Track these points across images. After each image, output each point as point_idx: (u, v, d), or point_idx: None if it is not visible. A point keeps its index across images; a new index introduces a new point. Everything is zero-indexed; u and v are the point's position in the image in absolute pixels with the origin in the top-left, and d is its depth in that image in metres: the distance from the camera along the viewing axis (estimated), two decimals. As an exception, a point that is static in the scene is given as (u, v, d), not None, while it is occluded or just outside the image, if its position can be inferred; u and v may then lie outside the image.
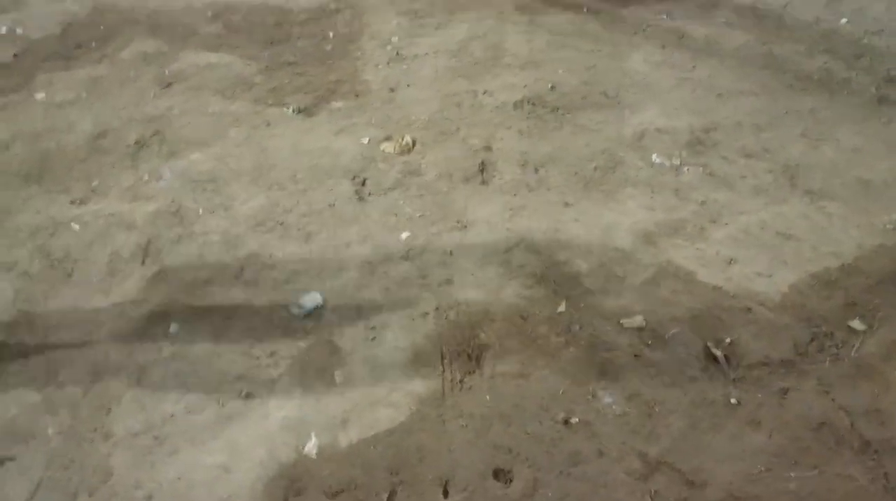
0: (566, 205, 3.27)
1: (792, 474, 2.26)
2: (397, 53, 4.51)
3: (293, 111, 3.92)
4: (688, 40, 4.63)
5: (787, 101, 3.95)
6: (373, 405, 2.48)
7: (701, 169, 3.46)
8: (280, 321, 2.76)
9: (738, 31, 4.73)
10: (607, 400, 2.47)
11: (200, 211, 3.26)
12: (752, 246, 3.01)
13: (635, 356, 2.60)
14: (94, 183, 3.42)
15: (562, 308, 2.78)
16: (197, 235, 3.13)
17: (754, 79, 4.18)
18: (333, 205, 3.30)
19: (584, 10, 5.05)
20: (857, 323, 2.63)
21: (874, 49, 4.46)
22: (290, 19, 4.93)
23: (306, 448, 2.37)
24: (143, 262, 3.02)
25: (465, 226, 3.17)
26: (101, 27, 4.74)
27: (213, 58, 4.43)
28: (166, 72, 4.28)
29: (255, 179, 3.44)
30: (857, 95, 4.00)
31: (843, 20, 4.80)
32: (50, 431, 2.44)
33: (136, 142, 3.68)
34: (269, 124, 3.83)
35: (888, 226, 3.07)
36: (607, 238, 3.08)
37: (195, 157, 3.57)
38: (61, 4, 5.03)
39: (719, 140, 3.66)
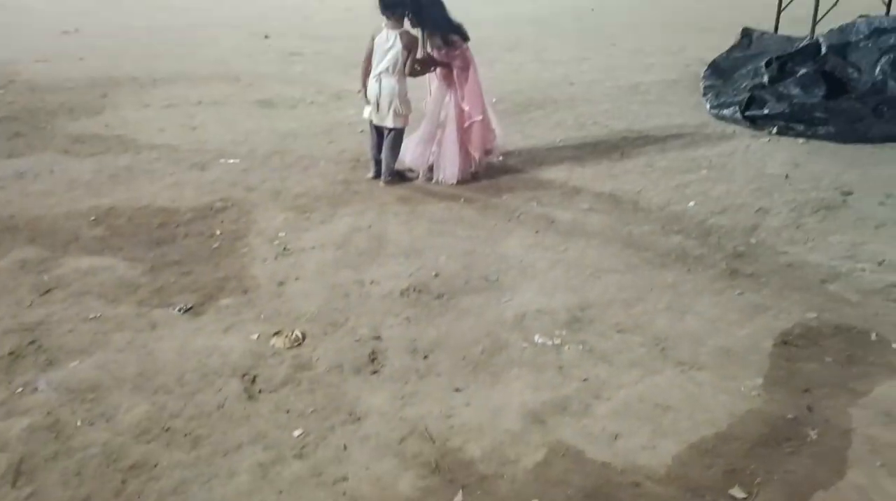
0: (456, 389, 3.35)
1: None
2: (284, 248, 4.65)
3: (179, 311, 3.91)
4: (557, 224, 5.03)
5: (650, 277, 4.30)
6: None
7: (580, 346, 3.65)
8: (166, 538, 2.61)
9: (600, 214, 5.20)
10: None
11: (79, 423, 3.12)
12: (634, 419, 3.15)
13: (535, 542, 2.60)
14: (-38, 401, 3.24)
15: (458, 497, 2.77)
16: (75, 450, 2.97)
17: (619, 257, 4.54)
18: (223, 405, 3.24)
19: (461, 199, 5.43)
20: (737, 491, 2.75)
21: (720, 227, 4.98)
22: (176, 219, 5.02)
23: None
24: (13, 485, 2.82)
25: (359, 419, 3.17)
26: (-23, 237, 4.67)
27: (95, 261, 4.40)
28: (46, 278, 4.21)
29: (140, 385, 3.34)
30: (711, 269, 4.41)
31: (691, 203, 5.37)
32: None
33: (10, 354, 3.54)
34: (154, 326, 3.79)
35: (753, 393, 3.30)
36: (497, 420, 3.15)
37: (74, 366, 3.46)
38: (-66, 214, 4.95)
39: (595, 317, 3.90)
